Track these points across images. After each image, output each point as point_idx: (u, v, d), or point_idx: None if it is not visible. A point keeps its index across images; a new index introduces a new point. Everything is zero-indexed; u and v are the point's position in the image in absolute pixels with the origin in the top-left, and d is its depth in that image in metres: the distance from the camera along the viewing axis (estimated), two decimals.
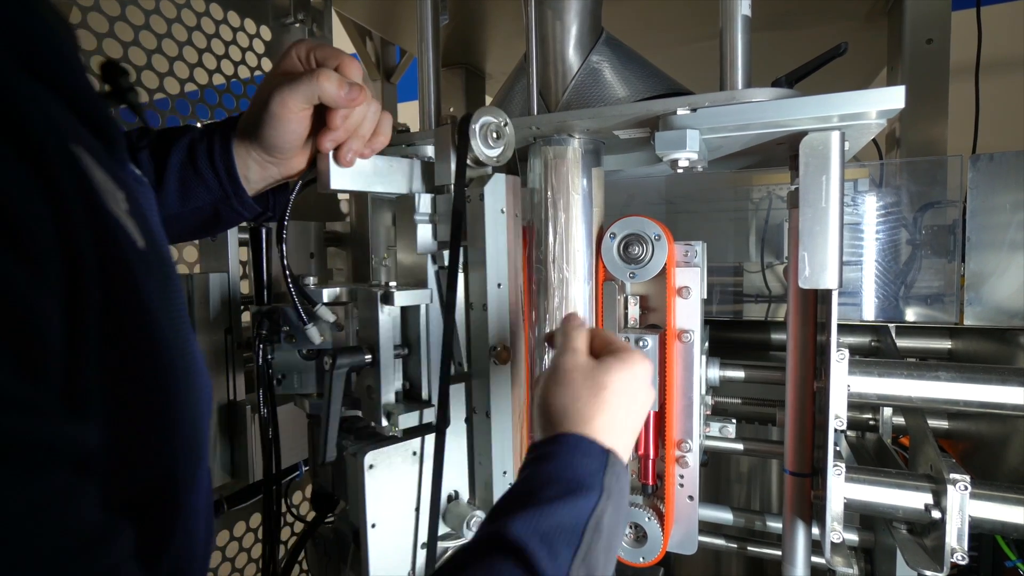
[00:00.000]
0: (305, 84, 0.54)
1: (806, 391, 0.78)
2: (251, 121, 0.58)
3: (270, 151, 0.58)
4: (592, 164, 0.84)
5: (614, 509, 0.44)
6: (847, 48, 0.69)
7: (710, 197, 1.33)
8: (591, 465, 0.44)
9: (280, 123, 0.56)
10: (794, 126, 0.66)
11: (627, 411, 0.50)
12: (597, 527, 0.41)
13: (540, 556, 0.37)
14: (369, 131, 0.61)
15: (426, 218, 0.74)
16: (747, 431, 1.22)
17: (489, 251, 0.71)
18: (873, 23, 1.51)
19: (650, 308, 0.86)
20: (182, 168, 0.59)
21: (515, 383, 0.74)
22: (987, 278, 0.94)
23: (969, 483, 0.68)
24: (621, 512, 0.46)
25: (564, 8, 0.81)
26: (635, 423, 0.52)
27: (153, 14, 1.04)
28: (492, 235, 0.72)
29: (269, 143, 0.57)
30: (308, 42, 0.58)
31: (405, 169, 0.71)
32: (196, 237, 0.72)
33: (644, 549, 0.83)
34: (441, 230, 0.73)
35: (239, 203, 0.61)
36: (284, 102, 0.54)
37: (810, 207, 0.66)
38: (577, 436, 0.46)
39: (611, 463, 0.45)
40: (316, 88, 0.54)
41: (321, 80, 0.54)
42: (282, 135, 0.57)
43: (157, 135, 0.62)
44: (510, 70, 0.97)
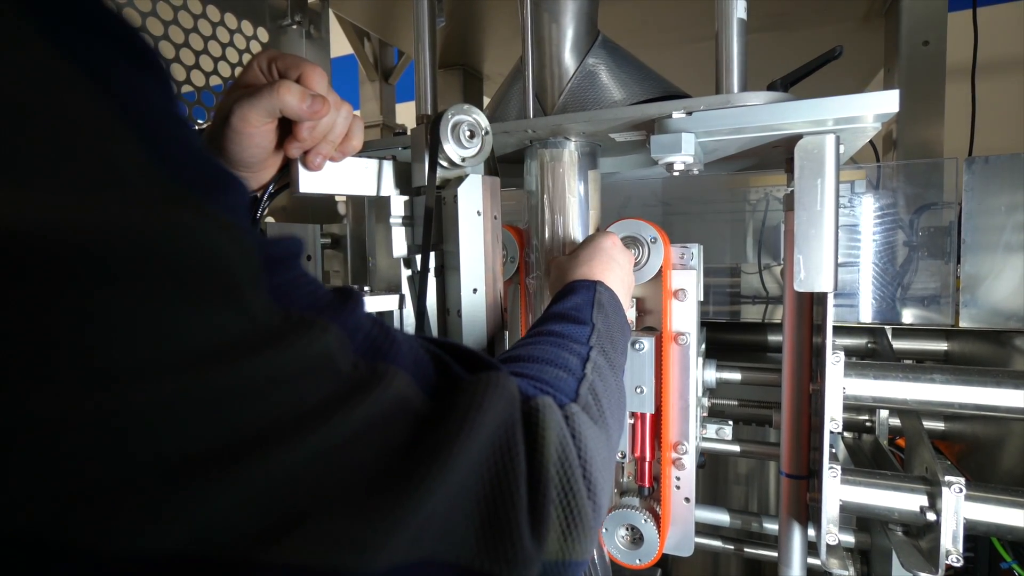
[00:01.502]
0: (266, 98, 0.51)
1: (802, 393, 0.79)
2: (214, 136, 0.55)
3: (236, 166, 0.56)
4: (588, 167, 0.84)
5: (608, 299, 0.61)
6: (843, 51, 0.69)
7: (707, 199, 1.33)
8: (585, 283, 0.62)
9: (243, 138, 0.53)
10: (789, 129, 0.66)
11: (601, 262, 0.67)
12: (600, 302, 0.58)
13: (573, 314, 0.55)
14: (340, 136, 0.59)
15: (399, 220, 0.71)
16: (744, 433, 1.22)
17: (464, 255, 0.69)
18: (870, 24, 1.51)
19: (646, 310, 0.86)
20: None
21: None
22: (983, 280, 0.94)
23: (964, 485, 0.69)
24: (616, 305, 0.62)
25: (560, 11, 0.81)
26: (615, 268, 0.67)
27: (150, 16, 1.03)
28: (467, 238, 0.69)
29: (234, 159, 0.55)
30: (270, 52, 0.55)
31: (377, 171, 0.68)
32: None
33: (640, 551, 0.83)
34: (418, 233, 0.70)
35: None
36: (245, 117, 0.52)
37: (805, 210, 0.67)
38: (572, 280, 0.64)
39: (599, 281, 0.63)
40: (277, 102, 0.51)
41: (282, 93, 0.51)
42: (246, 150, 0.54)
43: None
44: (507, 71, 0.97)
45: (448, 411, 0.29)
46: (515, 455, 0.30)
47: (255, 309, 0.22)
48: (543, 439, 0.33)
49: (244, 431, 0.20)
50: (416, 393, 0.29)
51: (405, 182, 0.73)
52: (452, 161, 0.68)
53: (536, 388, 0.40)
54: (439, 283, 0.72)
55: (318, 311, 0.26)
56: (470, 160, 0.70)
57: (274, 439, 0.21)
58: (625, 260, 0.71)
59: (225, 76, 1.19)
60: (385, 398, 0.26)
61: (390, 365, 0.28)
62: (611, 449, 0.45)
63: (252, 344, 0.21)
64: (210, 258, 0.21)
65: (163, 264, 0.19)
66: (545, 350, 0.47)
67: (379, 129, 1.90)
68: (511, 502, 0.29)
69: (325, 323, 0.25)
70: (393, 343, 0.30)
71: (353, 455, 0.23)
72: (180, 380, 0.19)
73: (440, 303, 0.73)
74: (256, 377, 0.21)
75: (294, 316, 0.24)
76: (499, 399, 0.31)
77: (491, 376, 0.33)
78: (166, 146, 0.22)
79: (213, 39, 1.16)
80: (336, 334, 0.25)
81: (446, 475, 0.25)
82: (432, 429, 0.27)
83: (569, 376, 0.45)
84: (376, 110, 1.91)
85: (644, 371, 0.81)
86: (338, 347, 0.25)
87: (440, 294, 0.72)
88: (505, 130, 0.77)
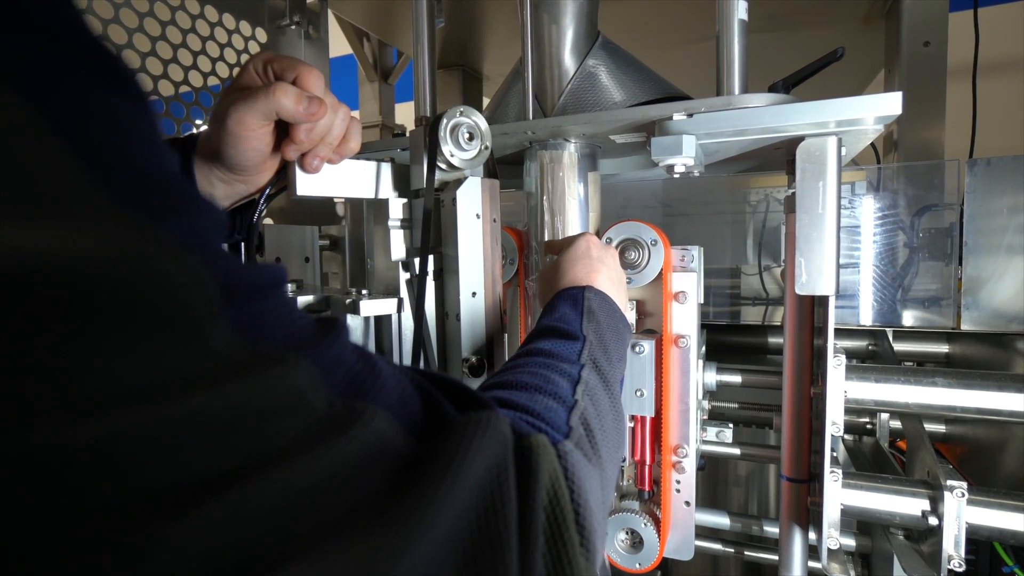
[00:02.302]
0: (262, 101, 0.51)
1: (803, 396, 0.78)
2: (210, 140, 0.54)
3: (233, 170, 0.56)
4: (588, 168, 0.83)
5: (599, 303, 0.59)
6: (844, 53, 0.68)
7: (707, 200, 1.33)
8: (573, 291, 0.60)
9: (239, 142, 0.53)
10: (791, 131, 0.66)
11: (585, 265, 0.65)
12: (590, 310, 0.57)
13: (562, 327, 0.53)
14: (337, 138, 0.58)
15: (398, 223, 0.71)
16: (744, 434, 1.22)
17: (463, 258, 0.68)
18: (871, 25, 1.51)
19: (647, 313, 0.86)
20: None
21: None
22: (985, 283, 0.93)
23: (966, 490, 0.68)
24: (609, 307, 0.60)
25: (560, 12, 0.81)
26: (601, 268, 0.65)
27: (147, 17, 1.03)
28: (466, 241, 0.69)
29: (231, 162, 0.55)
30: (266, 54, 0.55)
31: (374, 173, 0.68)
32: None
33: (640, 555, 0.83)
34: (416, 236, 0.70)
35: None
36: (241, 120, 0.52)
37: (807, 213, 0.66)
38: (559, 289, 0.62)
39: (587, 287, 0.61)
40: (273, 104, 0.51)
41: (278, 95, 0.51)
42: (243, 153, 0.54)
43: None
44: (507, 71, 0.97)
45: (434, 454, 0.26)
46: (507, 501, 0.27)
47: (213, 343, 0.20)
48: (536, 482, 0.30)
49: (196, 474, 0.18)
50: (398, 433, 0.26)
51: (404, 184, 0.72)
52: (451, 164, 0.68)
53: (528, 424, 0.38)
54: (438, 286, 0.71)
55: (291, 345, 0.25)
56: (469, 163, 0.69)
57: (229, 484, 0.18)
58: (608, 257, 0.69)
59: (223, 76, 1.18)
60: (361, 440, 0.23)
61: (369, 404, 0.25)
62: (606, 488, 0.42)
63: (207, 380, 0.19)
64: (156, 288, 0.18)
65: (95, 295, 0.17)
66: (535, 374, 0.45)
67: (378, 129, 1.90)
68: (500, 555, 0.26)
69: (296, 358, 0.23)
70: (377, 378, 0.28)
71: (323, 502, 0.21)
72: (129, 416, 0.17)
73: (439, 307, 0.72)
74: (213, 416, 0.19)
75: (261, 351, 0.22)
76: (490, 442, 0.28)
77: (482, 416, 0.30)
78: (114, 165, 0.20)
79: (211, 39, 1.15)
80: (307, 370, 0.23)
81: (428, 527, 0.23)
82: (416, 474, 0.25)
83: (560, 406, 0.42)
84: (375, 110, 1.91)
85: (644, 374, 0.80)
86: (309, 384, 0.23)
87: (439, 298, 0.72)
88: (504, 132, 0.76)
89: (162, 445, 0.17)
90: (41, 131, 0.18)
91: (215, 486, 0.18)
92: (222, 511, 0.18)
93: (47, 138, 0.18)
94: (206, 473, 0.18)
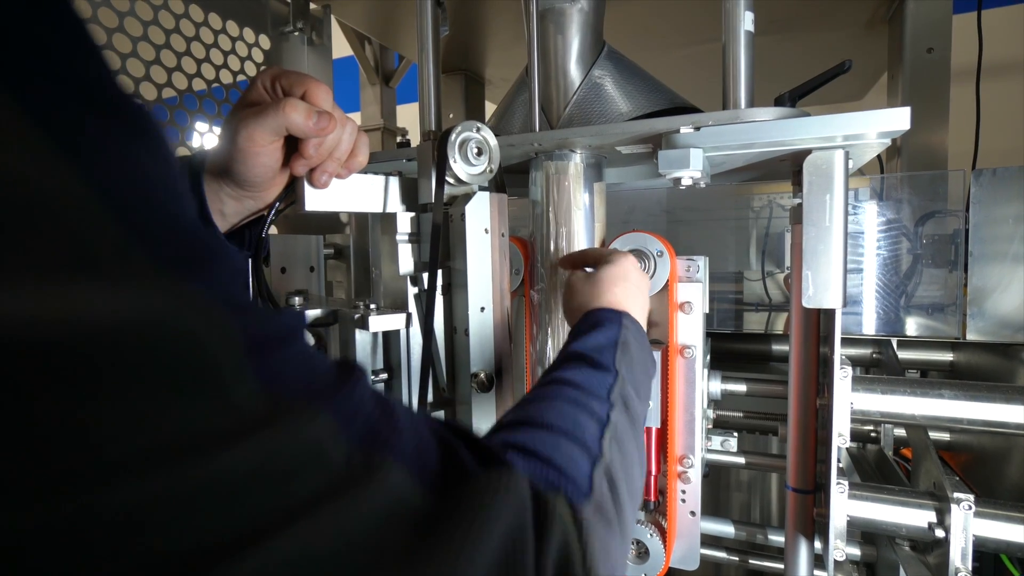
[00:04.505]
0: (271, 117, 0.51)
1: (808, 408, 0.78)
2: (220, 156, 0.54)
3: (243, 185, 0.56)
4: (594, 178, 0.83)
5: (635, 334, 0.58)
6: (851, 66, 0.68)
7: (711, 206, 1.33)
8: (610, 314, 0.59)
9: (249, 158, 0.53)
10: (798, 145, 0.66)
11: (624, 289, 0.64)
12: (625, 342, 0.56)
13: (596, 358, 0.52)
14: (346, 153, 0.58)
15: (406, 238, 0.71)
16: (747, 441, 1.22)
17: (471, 273, 0.68)
18: (874, 30, 1.51)
19: (652, 323, 0.85)
20: None
21: (500, 410, 0.71)
22: (990, 292, 0.93)
23: (973, 502, 0.68)
24: (642, 340, 0.60)
25: (566, 23, 0.81)
26: (637, 295, 0.65)
27: (152, 25, 1.03)
28: (475, 256, 0.68)
29: (241, 178, 0.55)
30: (273, 69, 0.54)
31: (382, 187, 0.67)
32: None
33: (646, 565, 0.83)
34: (424, 250, 0.70)
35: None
36: (251, 137, 0.52)
37: (814, 226, 0.66)
38: (595, 308, 0.61)
39: (625, 313, 0.60)
40: (283, 120, 0.51)
41: (288, 111, 0.51)
42: (252, 169, 0.54)
43: None
44: (509, 76, 0.97)
45: (452, 513, 0.26)
46: (525, 566, 0.27)
47: (237, 397, 0.20)
48: (550, 546, 0.29)
49: (219, 535, 0.18)
50: (415, 488, 0.26)
51: (411, 198, 0.72)
52: (459, 179, 0.67)
53: (548, 479, 0.38)
54: (446, 301, 0.71)
55: (312, 395, 0.25)
56: (477, 177, 0.68)
57: (251, 544, 0.18)
58: (645, 285, 0.69)
59: (226, 82, 1.18)
60: (379, 499, 0.23)
61: (387, 457, 0.25)
62: (624, 539, 0.42)
63: (231, 438, 0.19)
64: (183, 347, 0.19)
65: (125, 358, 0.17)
66: (561, 413, 0.44)
67: (380, 132, 1.90)
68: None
69: (316, 411, 0.23)
70: (395, 428, 0.28)
71: (340, 563, 0.21)
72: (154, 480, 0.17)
73: (447, 321, 0.71)
74: (236, 475, 0.19)
75: (282, 403, 0.22)
76: (509, 506, 0.28)
77: (502, 476, 0.29)
78: (145, 220, 0.20)
79: (215, 47, 1.15)
80: (327, 423, 0.23)
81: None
82: (434, 536, 0.24)
83: (584, 457, 0.41)
84: (377, 113, 1.91)
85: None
86: (329, 437, 0.23)
87: (447, 312, 0.71)
88: (511, 143, 0.76)
89: (187, 507, 0.17)
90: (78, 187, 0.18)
91: (236, 547, 0.18)
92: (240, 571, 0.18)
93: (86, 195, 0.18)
94: (229, 534, 0.18)
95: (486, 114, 1.97)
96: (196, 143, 1.12)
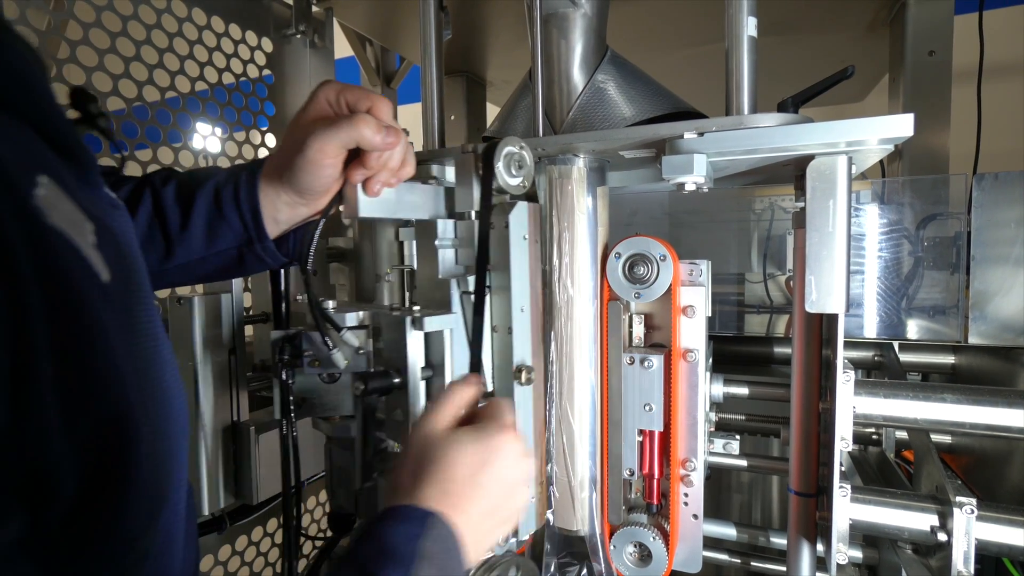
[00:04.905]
0: (345, 131, 0.55)
1: (811, 412, 0.78)
2: (283, 165, 0.58)
3: (302, 194, 0.59)
4: (597, 182, 0.83)
5: (437, 569, 0.42)
6: (854, 72, 0.69)
7: (713, 209, 1.33)
8: (409, 531, 0.43)
9: (317, 168, 0.57)
10: (801, 150, 0.66)
11: (471, 480, 0.47)
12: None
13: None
14: (398, 163, 0.61)
15: (448, 243, 0.74)
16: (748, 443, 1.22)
17: (514, 277, 0.73)
18: (875, 33, 1.51)
19: (655, 327, 0.86)
20: (208, 211, 0.60)
21: (535, 400, 0.77)
22: (992, 296, 0.94)
23: (975, 506, 0.68)
24: (445, 569, 0.43)
25: (569, 28, 0.81)
26: (477, 484, 0.48)
27: (155, 28, 1.03)
28: (516, 261, 0.74)
29: (303, 186, 0.58)
30: (335, 85, 0.58)
31: (429, 195, 0.72)
32: (222, 278, 0.72)
33: (649, 569, 0.83)
34: (462, 254, 0.74)
35: (262, 249, 0.63)
36: (323, 149, 0.55)
37: (817, 231, 0.66)
38: (397, 507, 0.45)
39: (430, 527, 0.44)
40: (355, 134, 0.55)
41: (360, 127, 0.55)
42: (318, 179, 0.58)
43: (182, 179, 0.63)
44: (510, 78, 0.97)
45: None
46: None
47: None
48: None
49: None
50: None
51: (449, 206, 0.75)
52: (501, 189, 0.71)
53: None
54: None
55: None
56: (515, 189, 0.72)
57: None
58: (519, 472, 0.51)
59: (227, 83, 1.18)
60: None
61: None
62: None
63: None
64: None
65: None
66: None
67: None
68: None
69: None
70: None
71: None
72: None
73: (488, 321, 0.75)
74: None
75: None
76: None
77: None
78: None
79: (218, 50, 1.16)
80: None
81: None
82: None
83: None
84: None
85: (653, 389, 0.81)
86: None
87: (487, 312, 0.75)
88: None
89: None
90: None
91: None
92: None
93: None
94: None
95: (488, 116, 1.97)
96: (199, 145, 1.13)
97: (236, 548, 1.17)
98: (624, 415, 0.83)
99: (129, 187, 0.62)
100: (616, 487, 0.85)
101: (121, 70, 0.97)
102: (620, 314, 0.83)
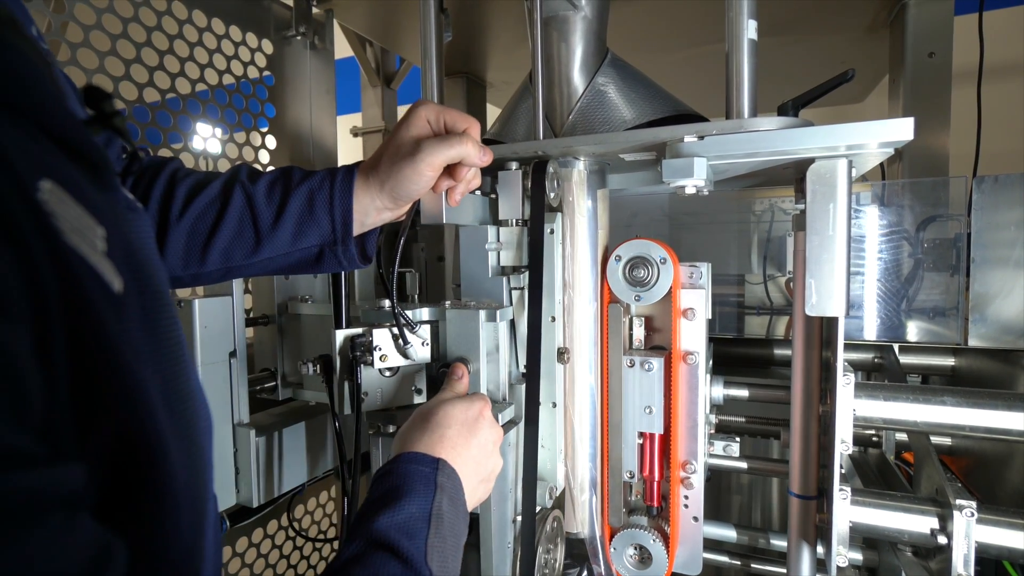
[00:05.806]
0: (455, 148, 0.63)
1: (811, 415, 0.79)
2: (387, 174, 0.64)
3: (397, 201, 0.66)
4: (597, 185, 0.84)
5: (450, 500, 0.55)
6: (854, 75, 0.69)
7: (713, 210, 1.33)
8: (424, 471, 0.56)
9: (421, 179, 0.63)
10: (802, 154, 0.66)
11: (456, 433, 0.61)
12: (439, 513, 0.52)
13: (402, 542, 0.48)
14: (473, 177, 0.70)
15: (494, 247, 0.84)
16: (747, 445, 1.22)
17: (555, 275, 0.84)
18: (875, 34, 1.51)
19: (655, 329, 0.86)
20: (300, 212, 0.64)
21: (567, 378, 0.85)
22: (992, 298, 0.94)
23: (975, 509, 0.69)
24: (456, 503, 0.56)
25: (569, 31, 0.81)
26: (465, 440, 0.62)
27: (155, 31, 1.03)
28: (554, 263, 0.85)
29: (402, 193, 0.65)
30: (434, 107, 0.66)
31: (479, 204, 0.82)
32: (293, 272, 0.75)
33: (649, 571, 0.83)
34: (503, 256, 0.86)
35: (343, 250, 0.67)
36: (432, 162, 0.63)
37: (817, 235, 0.66)
38: (410, 453, 0.58)
39: (441, 467, 0.57)
40: (463, 151, 0.63)
41: (468, 146, 0.64)
42: (419, 188, 0.65)
43: (272, 178, 0.66)
44: (511, 79, 0.98)
45: None
46: None
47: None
48: None
49: None
50: None
51: (493, 214, 0.85)
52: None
53: None
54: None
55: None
56: (553, 200, 0.81)
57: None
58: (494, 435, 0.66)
59: (228, 85, 1.18)
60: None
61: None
62: None
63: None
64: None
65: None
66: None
67: (381, 134, 1.90)
68: None
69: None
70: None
71: None
72: None
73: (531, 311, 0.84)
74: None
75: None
76: None
77: None
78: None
79: (218, 52, 1.15)
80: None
81: None
82: None
83: None
84: (378, 115, 1.91)
85: (653, 392, 0.81)
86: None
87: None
88: (515, 150, 0.77)
89: None
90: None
91: None
92: None
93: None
94: None
95: (488, 116, 1.97)
96: (199, 146, 1.13)
97: (236, 550, 1.17)
98: (624, 418, 0.83)
99: (219, 184, 0.65)
100: (616, 489, 0.85)
101: (122, 72, 0.97)
102: (620, 317, 0.83)
